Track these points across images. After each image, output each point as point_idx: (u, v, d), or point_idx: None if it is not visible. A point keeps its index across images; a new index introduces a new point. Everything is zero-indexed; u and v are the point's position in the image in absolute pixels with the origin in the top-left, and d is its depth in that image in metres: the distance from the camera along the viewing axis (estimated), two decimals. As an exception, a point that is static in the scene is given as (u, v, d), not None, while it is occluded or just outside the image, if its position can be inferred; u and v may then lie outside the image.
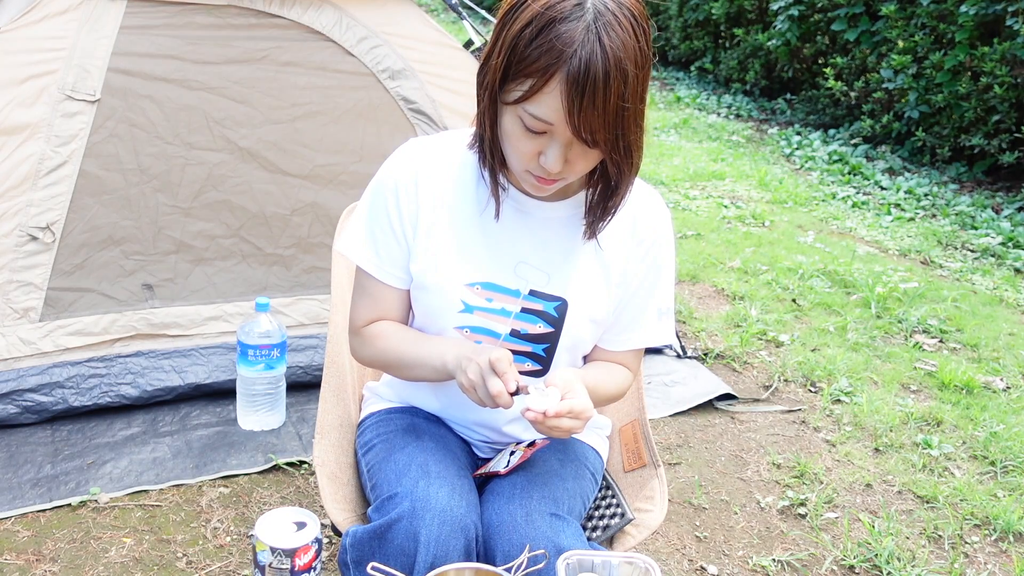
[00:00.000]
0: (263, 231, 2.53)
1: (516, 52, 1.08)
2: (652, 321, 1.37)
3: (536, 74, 1.06)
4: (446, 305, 1.30)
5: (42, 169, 2.25)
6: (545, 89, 1.06)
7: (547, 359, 1.33)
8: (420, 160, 1.30)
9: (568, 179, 1.19)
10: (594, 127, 1.07)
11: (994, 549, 2.18)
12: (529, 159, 1.15)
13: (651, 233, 1.33)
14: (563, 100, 1.05)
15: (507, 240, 1.30)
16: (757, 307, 3.49)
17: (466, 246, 1.29)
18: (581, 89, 1.04)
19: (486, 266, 1.29)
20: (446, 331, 1.32)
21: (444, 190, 1.30)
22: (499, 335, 1.30)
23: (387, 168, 1.32)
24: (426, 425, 1.41)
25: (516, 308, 1.30)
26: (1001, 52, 5.10)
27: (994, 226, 4.72)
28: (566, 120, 1.07)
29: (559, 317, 1.30)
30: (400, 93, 2.64)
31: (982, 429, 2.70)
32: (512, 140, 1.15)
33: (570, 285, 1.30)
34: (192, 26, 2.41)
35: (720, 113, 7.55)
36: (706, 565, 2.04)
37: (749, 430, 2.65)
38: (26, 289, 2.26)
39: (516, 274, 1.30)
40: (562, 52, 1.04)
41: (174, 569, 1.87)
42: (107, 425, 2.30)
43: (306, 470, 2.24)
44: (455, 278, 1.29)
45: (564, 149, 1.12)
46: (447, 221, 1.29)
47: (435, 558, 1.14)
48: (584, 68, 1.03)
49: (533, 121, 1.10)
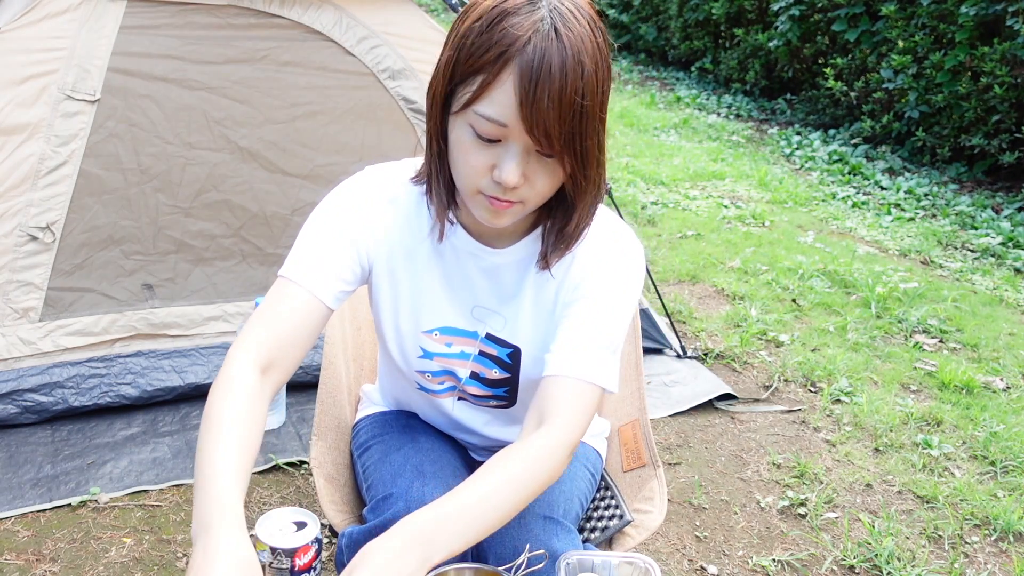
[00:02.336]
0: (263, 231, 2.53)
1: (465, 48, 0.99)
2: (586, 349, 1.13)
3: (487, 67, 0.97)
4: (405, 352, 1.26)
5: (42, 169, 2.26)
6: (496, 83, 0.96)
7: (510, 398, 1.30)
8: (379, 195, 1.20)
9: (527, 202, 1.05)
10: (548, 123, 0.96)
11: (994, 549, 2.18)
12: (481, 174, 1.03)
13: (599, 269, 1.17)
14: (515, 92, 0.95)
15: (462, 283, 1.22)
16: (757, 307, 3.49)
17: (422, 291, 1.22)
18: (535, 79, 0.94)
19: (444, 311, 1.23)
20: (408, 373, 1.29)
21: (400, 231, 1.20)
22: (460, 378, 1.28)
23: (347, 191, 1.21)
24: (422, 426, 1.41)
25: (474, 351, 1.25)
26: (1001, 52, 5.10)
27: (994, 226, 4.72)
28: (519, 115, 0.96)
29: (513, 363, 1.25)
30: (400, 93, 2.64)
31: (982, 429, 2.70)
32: (462, 153, 1.03)
33: (521, 332, 1.23)
34: (192, 26, 2.41)
35: (720, 113, 7.55)
36: (706, 565, 2.04)
37: (749, 430, 2.65)
38: (26, 289, 2.26)
39: (473, 316, 1.23)
40: (515, 40, 0.95)
41: (174, 569, 1.87)
42: (107, 425, 2.30)
43: (306, 470, 2.24)
44: (412, 326, 1.23)
45: (522, 159, 1.00)
46: (403, 266, 1.21)
47: (430, 559, 1.13)
48: (539, 56, 0.94)
49: (485, 124, 0.99)
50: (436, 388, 1.31)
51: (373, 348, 1.69)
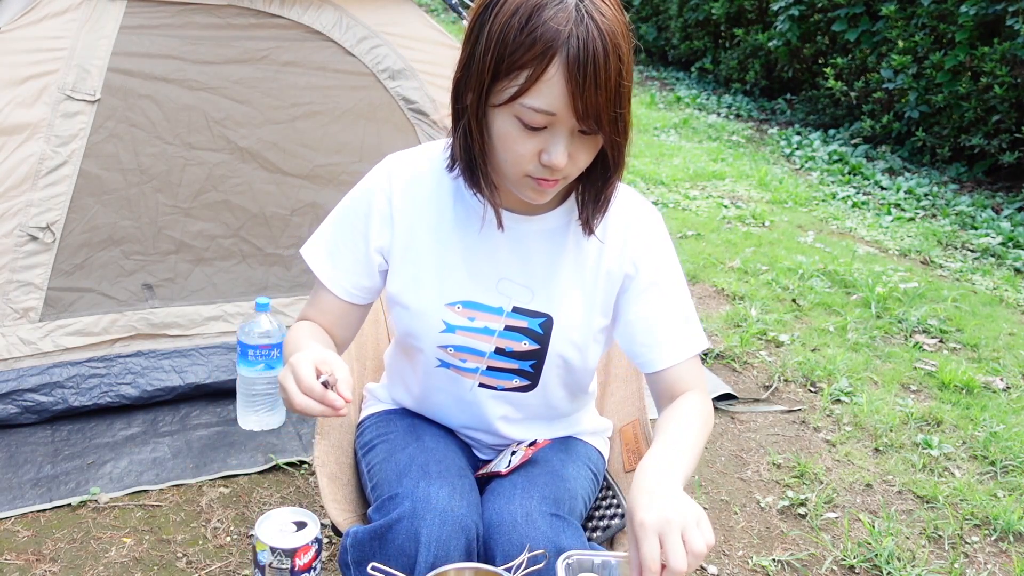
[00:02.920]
0: (263, 231, 2.53)
1: (506, 45, 1.03)
2: (680, 327, 1.27)
3: (532, 63, 1.02)
4: (427, 325, 1.27)
5: (42, 169, 2.25)
6: (544, 77, 1.02)
7: (535, 375, 1.30)
8: (396, 180, 1.27)
9: (569, 177, 1.14)
10: (599, 109, 1.03)
11: (994, 549, 2.18)
12: (529, 160, 1.10)
13: (641, 237, 1.27)
14: (566, 85, 1.01)
15: (487, 257, 1.26)
16: (757, 307, 3.49)
17: (445, 265, 1.26)
18: (583, 71, 1.00)
19: (467, 284, 1.26)
20: (428, 350, 1.29)
21: (420, 209, 1.26)
22: (483, 353, 1.28)
23: (363, 187, 1.30)
24: (426, 425, 1.41)
25: (499, 326, 1.26)
26: (1001, 52, 5.10)
27: (994, 226, 4.72)
28: (569, 105, 1.03)
29: (544, 334, 1.26)
30: (400, 93, 2.64)
31: (982, 429, 2.70)
32: (508, 144, 1.09)
33: (554, 301, 1.26)
34: (192, 26, 2.41)
35: (720, 113, 7.55)
36: (706, 565, 2.04)
37: (749, 430, 2.65)
38: (26, 289, 2.26)
39: (498, 291, 1.26)
40: (557, 34, 1.00)
41: (174, 569, 1.87)
42: (107, 425, 2.30)
43: (306, 470, 2.24)
44: (435, 299, 1.26)
45: (568, 142, 1.08)
46: (425, 241, 1.26)
47: (436, 558, 1.14)
48: (583, 48, 0.99)
49: (533, 116, 1.05)
50: (457, 364, 1.30)
51: (376, 347, 1.69)
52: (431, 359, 1.31)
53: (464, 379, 1.32)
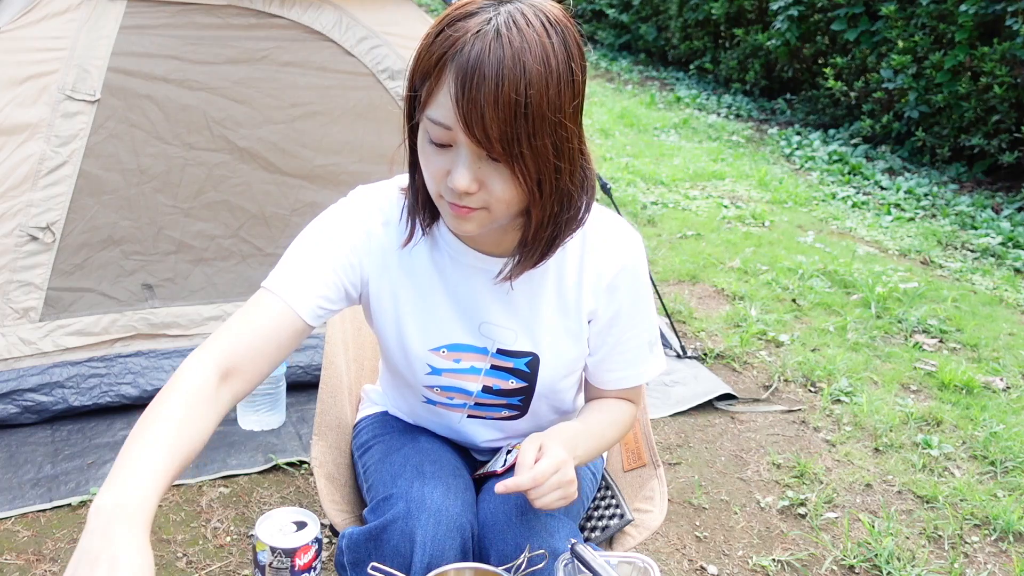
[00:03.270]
0: (263, 231, 2.53)
1: (420, 54, 1.01)
2: (644, 356, 1.28)
3: (432, 71, 0.98)
4: (412, 368, 1.25)
5: (42, 169, 2.26)
6: (438, 86, 0.98)
7: (523, 407, 1.30)
8: (372, 215, 1.20)
9: (491, 208, 1.04)
10: (486, 123, 0.95)
11: (994, 549, 2.18)
12: (439, 179, 1.04)
13: (617, 270, 1.21)
14: (451, 93, 0.96)
15: (467, 299, 1.21)
16: (757, 307, 3.49)
17: (427, 310, 1.21)
18: (469, 78, 0.94)
19: (449, 328, 1.22)
20: (416, 388, 1.28)
21: (393, 252, 1.20)
22: (471, 392, 1.27)
23: (335, 216, 1.21)
24: (422, 427, 1.41)
25: (486, 365, 1.25)
26: (1001, 52, 5.10)
27: (994, 226, 4.72)
28: (456, 116, 0.96)
29: (531, 372, 1.24)
30: (400, 93, 2.64)
31: (982, 429, 2.70)
32: (423, 159, 1.05)
33: (538, 340, 1.23)
34: (192, 26, 2.41)
35: (720, 113, 7.55)
36: (706, 565, 2.04)
37: (749, 430, 2.65)
38: (26, 289, 2.26)
39: (481, 333, 1.23)
40: (455, 43, 0.96)
41: (174, 569, 1.87)
42: (107, 425, 2.30)
43: (306, 470, 2.24)
44: (418, 345, 1.23)
45: (471, 162, 1.00)
46: (402, 285, 1.21)
47: (431, 558, 1.14)
48: (475, 57, 0.94)
49: (435, 129, 1.00)
50: (445, 401, 1.30)
51: (374, 348, 1.69)
52: (419, 396, 1.31)
53: (453, 413, 1.33)
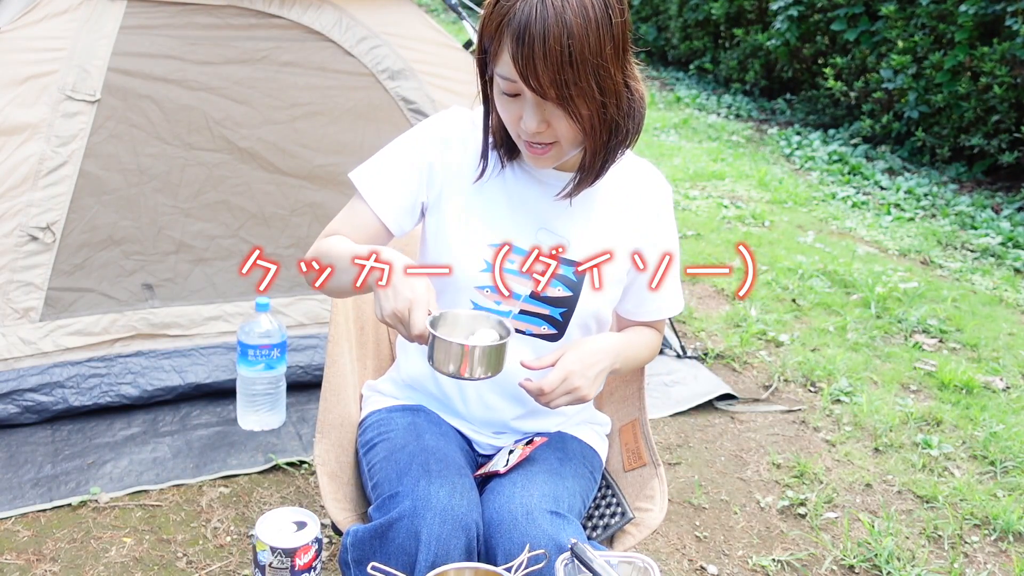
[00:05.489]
0: (263, 231, 2.53)
1: (483, 23, 1.19)
2: (673, 290, 1.45)
3: (494, 36, 1.17)
4: (468, 264, 1.33)
5: (42, 169, 2.26)
6: (501, 47, 1.16)
7: (563, 323, 1.36)
8: (454, 129, 1.38)
9: (561, 143, 1.22)
10: (539, 73, 1.13)
11: (994, 549, 2.18)
12: (514, 125, 1.23)
13: (655, 208, 1.40)
14: (510, 50, 1.14)
15: (530, 207, 1.36)
16: (757, 307, 3.49)
17: (490, 209, 1.36)
18: (521, 38, 1.12)
19: (509, 229, 1.35)
20: (467, 289, 1.35)
21: (472, 159, 1.36)
22: (519, 296, 1.34)
23: (422, 127, 1.41)
24: (427, 424, 1.41)
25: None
26: (1001, 52, 5.10)
27: (994, 226, 4.72)
28: (515, 69, 1.14)
29: (577, 282, 1.35)
30: (400, 93, 2.64)
31: (982, 429, 2.70)
32: (500, 108, 1.24)
33: (588, 251, 1.35)
34: (192, 26, 2.41)
35: (720, 113, 7.55)
36: (706, 565, 2.04)
37: (749, 430, 2.65)
38: (26, 289, 2.26)
39: (538, 239, 1.35)
40: (508, 11, 1.14)
41: (174, 569, 1.87)
42: (107, 425, 2.30)
43: (306, 470, 2.24)
44: (479, 239, 1.34)
45: (536, 108, 1.19)
46: (474, 186, 1.36)
47: (436, 557, 1.14)
48: (523, 19, 1.12)
49: (503, 82, 1.19)
50: (491, 307, 1.35)
51: (376, 347, 1.69)
52: (465, 302, 1.36)
53: None
